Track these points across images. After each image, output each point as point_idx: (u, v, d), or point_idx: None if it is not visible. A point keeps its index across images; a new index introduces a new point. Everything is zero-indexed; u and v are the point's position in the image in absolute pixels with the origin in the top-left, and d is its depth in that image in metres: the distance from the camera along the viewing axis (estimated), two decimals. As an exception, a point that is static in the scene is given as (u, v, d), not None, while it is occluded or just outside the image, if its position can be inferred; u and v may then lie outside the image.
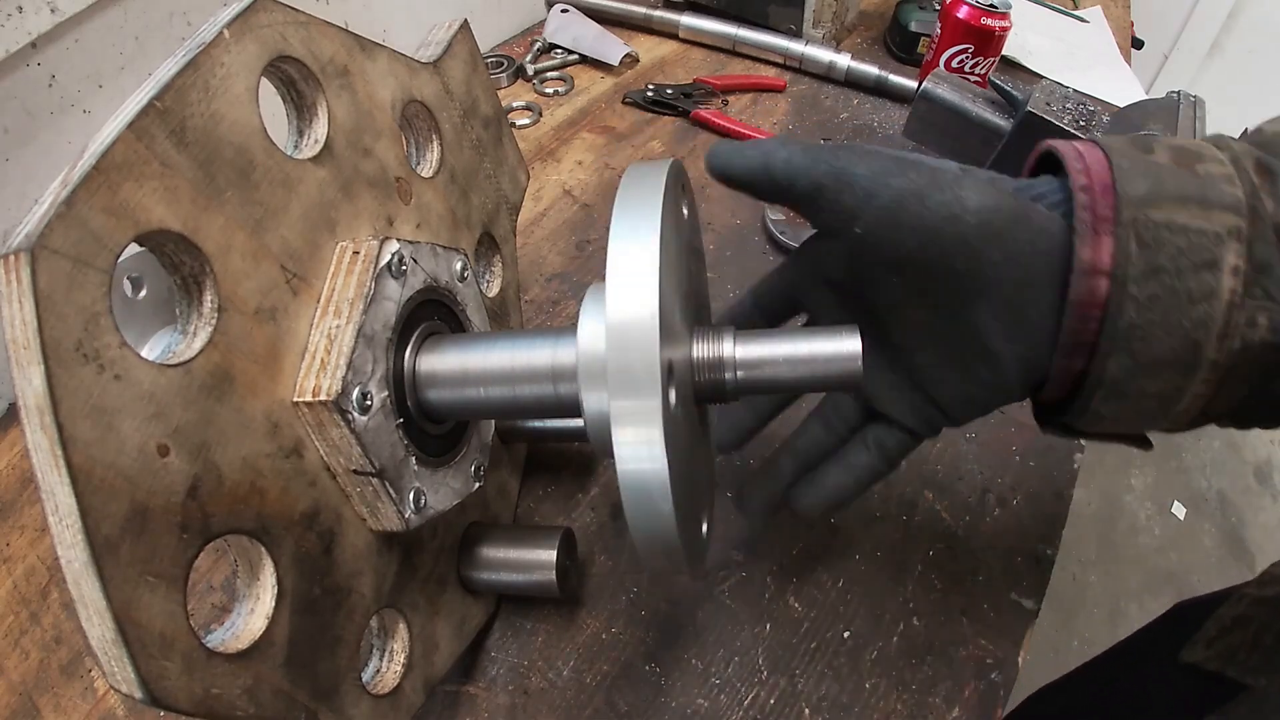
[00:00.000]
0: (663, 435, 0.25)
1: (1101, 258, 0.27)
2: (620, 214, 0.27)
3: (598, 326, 0.28)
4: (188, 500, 0.25)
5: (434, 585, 0.39)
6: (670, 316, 0.26)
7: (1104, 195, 0.28)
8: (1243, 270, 0.27)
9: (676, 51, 0.95)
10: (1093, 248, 0.28)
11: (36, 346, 0.21)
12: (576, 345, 0.29)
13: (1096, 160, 0.29)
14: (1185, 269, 0.27)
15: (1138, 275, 0.27)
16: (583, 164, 0.77)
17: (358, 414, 0.30)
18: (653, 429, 0.25)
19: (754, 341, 0.32)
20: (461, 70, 0.45)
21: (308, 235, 0.32)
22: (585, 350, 0.29)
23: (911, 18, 0.93)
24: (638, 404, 0.25)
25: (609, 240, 0.26)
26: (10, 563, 0.48)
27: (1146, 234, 0.27)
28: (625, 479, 0.25)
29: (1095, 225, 0.28)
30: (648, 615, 0.46)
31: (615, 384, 0.25)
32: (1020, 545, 0.50)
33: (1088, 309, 0.28)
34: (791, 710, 0.43)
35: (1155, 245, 0.27)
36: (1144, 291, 0.27)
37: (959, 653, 0.45)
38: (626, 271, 0.25)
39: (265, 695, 0.27)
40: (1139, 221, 0.27)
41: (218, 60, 0.28)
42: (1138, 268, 0.27)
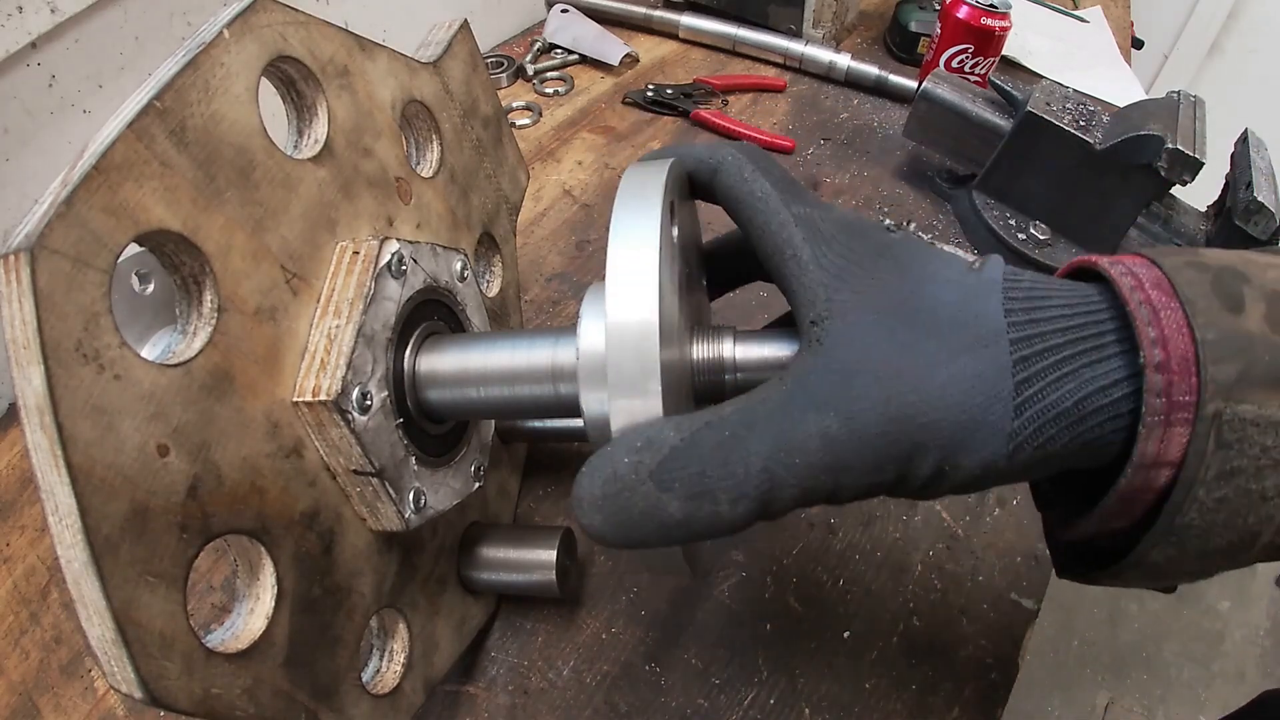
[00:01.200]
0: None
1: (1169, 452, 0.22)
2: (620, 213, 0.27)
3: (598, 326, 0.28)
4: (188, 500, 0.25)
5: (434, 585, 0.39)
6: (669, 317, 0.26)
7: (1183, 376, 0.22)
8: None
9: (676, 51, 0.95)
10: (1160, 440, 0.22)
11: (36, 346, 0.21)
12: (577, 345, 0.29)
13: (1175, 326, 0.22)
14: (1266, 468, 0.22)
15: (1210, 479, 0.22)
16: (583, 164, 0.77)
17: (358, 414, 0.30)
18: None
19: (754, 343, 0.32)
20: (461, 70, 0.45)
21: (308, 235, 0.32)
22: (585, 350, 0.29)
23: (911, 18, 0.93)
24: (637, 404, 0.24)
25: (609, 240, 0.26)
26: (10, 563, 0.48)
27: (1230, 433, 0.22)
28: None
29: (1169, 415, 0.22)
30: (648, 615, 0.46)
31: (615, 384, 0.25)
32: (1020, 545, 0.50)
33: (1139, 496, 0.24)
34: (791, 710, 0.43)
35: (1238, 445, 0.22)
36: (1213, 495, 0.22)
37: (959, 653, 0.45)
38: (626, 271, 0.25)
39: (265, 695, 0.27)
40: (1222, 416, 0.22)
41: (218, 60, 0.28)
42: (1212, 470, 0.22)
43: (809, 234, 0.26)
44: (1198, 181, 0.61)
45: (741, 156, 0.29)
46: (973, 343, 0.23)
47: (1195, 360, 0.22)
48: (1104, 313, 0.24)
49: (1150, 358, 0.22)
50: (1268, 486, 0.22)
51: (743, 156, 0.29)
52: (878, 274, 0.25)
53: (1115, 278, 0.24)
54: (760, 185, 0.27)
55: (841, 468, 0.23)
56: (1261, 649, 1.72)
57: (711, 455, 0.23)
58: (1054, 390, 0.23)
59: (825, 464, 0.23)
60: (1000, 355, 0.23)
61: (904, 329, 0.23)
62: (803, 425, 0.23)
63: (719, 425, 0.23)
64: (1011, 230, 0.70)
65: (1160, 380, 0.22)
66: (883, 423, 0.23)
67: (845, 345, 0.24)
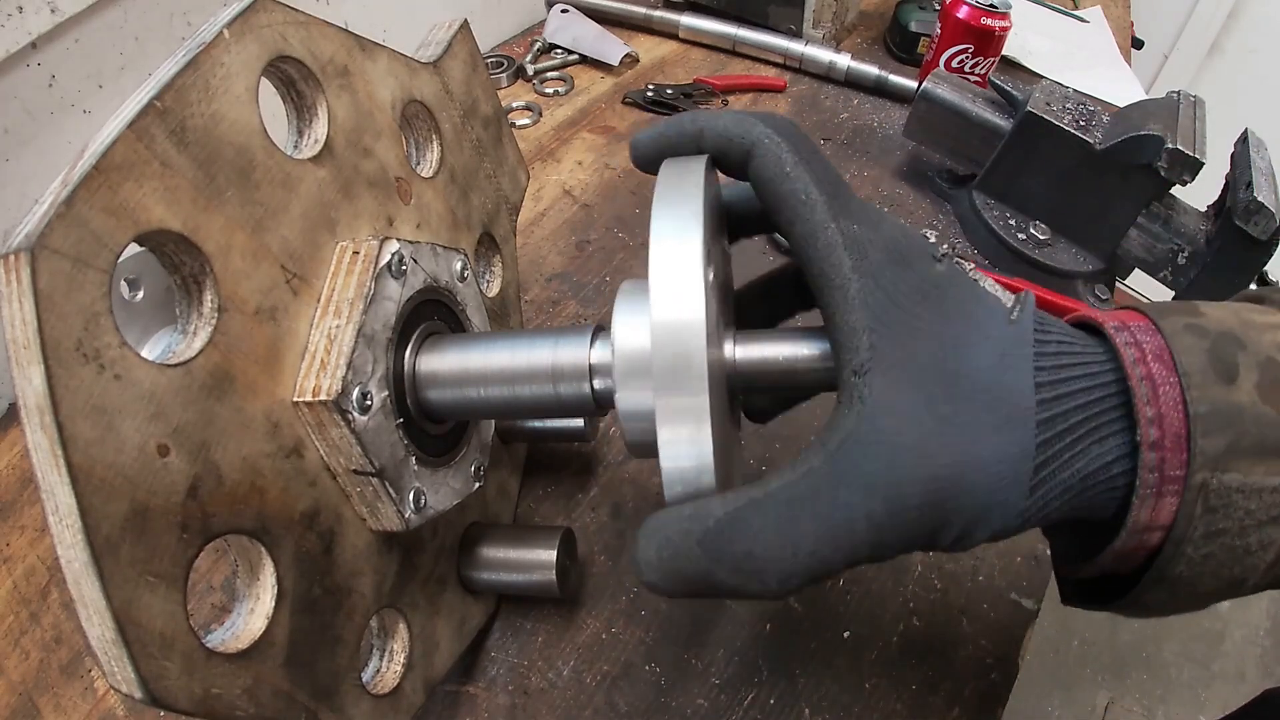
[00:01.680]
0: (710, 433, 0.24)
1: (1160, 517, 0.24)
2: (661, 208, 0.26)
3: (638, 323, 0.28)
4: (188, 500, 0.25)
5: (434, 585, 0.39)
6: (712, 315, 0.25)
7: (1175, 453, 0.24)
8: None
9: (676, 51, 0.95)
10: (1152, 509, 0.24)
11: (36, 346, 0.21)
12: (612, 343, 0.28)
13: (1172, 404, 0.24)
14: (1249, 527, 0.24)
15: (1198, 538, 0.24)
16: (583, 164, 0.77)
17: (358, 414, 0.30)
18: (701, 426, 0.24)
19: (754, 342, 0.32)
20: (461, 70, 0.45)
21: (308, 235, 0.32)
22: (625, 348, 0.28)
23: (911, 18, 0.93)
24: (686, 401, 0.24)
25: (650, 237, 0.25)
26: (10, 563, 0.48)
27: (1216, 500, 0.24)
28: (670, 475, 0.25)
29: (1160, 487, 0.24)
30: (648, 615, 0.46)
31: (661, 382, 0.24)
32: (1020, 545, 0.50)
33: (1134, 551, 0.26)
34: (791, 710, 0.43)
35: (1223, 510, 0.24)
36: (1200, 551, 0.24)
37: (959, 653, 0.45)
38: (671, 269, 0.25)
39: (265, 695, 0.27)
40: (1209, 485, 0.23)
41: (218, 60, 0.28)
42: (1199, 530, 0.24)
43: (857, 262, 0.25)
44: (1198, 181, 0.61)
45: (780, 141, 0.27)
46: (1004, 422, 0.24)
47: (1187, 436, 0.23)
48: (1112, 386, 0.25)
49: (1146, 437, 0.24)
50: (1250, 542, 0.24)
51: (781, 141, 0.27)
52: (921, 319, 0.25)
53: (1120, 348, 0.25)
54: (805, 186, 0.26)
55: (884, 544, 0.24)
56: (1261, 649, 1.72)
57: (759, 537, 0.23)
58: (1065, 469, 0.24)
59: (869, 541, 0.24)
60: (1027, 438, 0.24)
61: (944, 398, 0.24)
62: (850, 509, 0.23)
63: (766, 505, 0.24)
64: (1011, 230, 0.70)
65: (1154, 457, 0.24)
66: (922, 504, 0.24)
67: (887, 412, 0.24)
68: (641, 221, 0.70)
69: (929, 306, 0.25)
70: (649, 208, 0.26)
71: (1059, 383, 0.25)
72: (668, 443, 0.25)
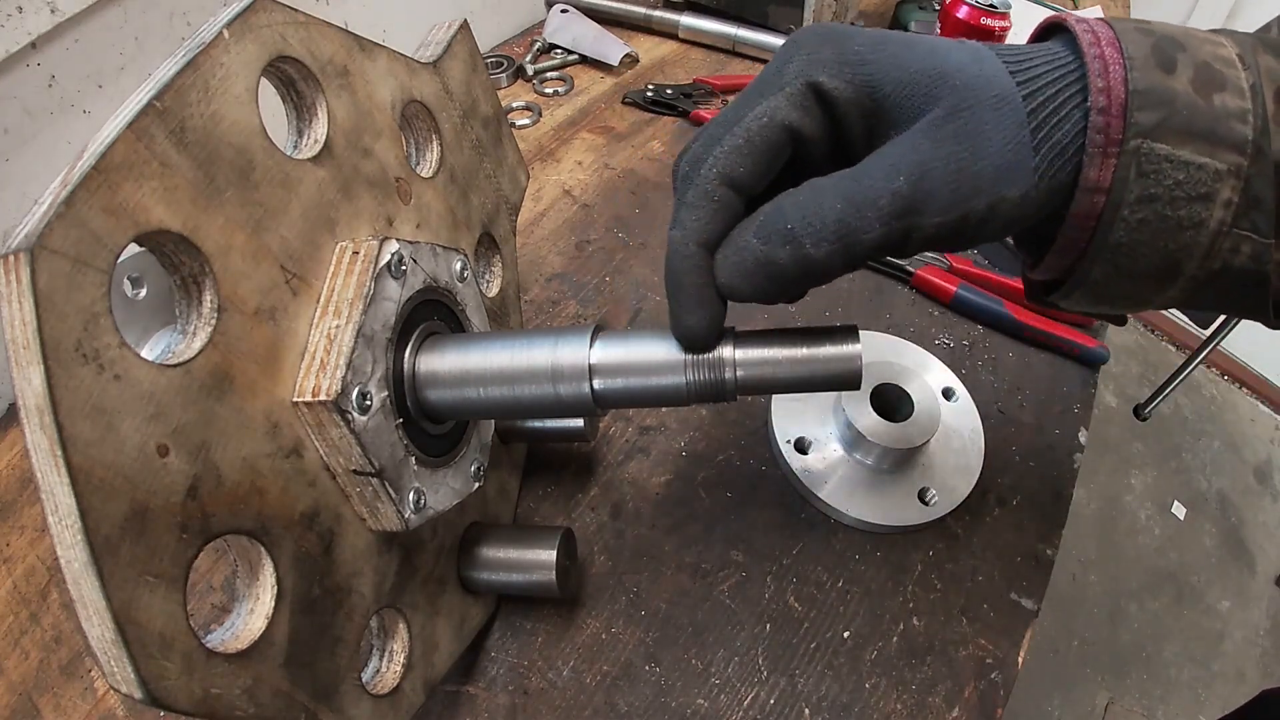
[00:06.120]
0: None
1: (1104, 178, 0.28)
2: None
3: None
4: (187, 500, 0.25)
5: (434, 585, 0.39)
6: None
7: (1117, 119, 0.28)
8: (1235, 204, 0.28)
9: (676, 51, 0.95)
10: (1098, 168, 0.28)
11: (36, 346, 0.21)
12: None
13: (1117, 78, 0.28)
14: (1179, 199, 0.28)
15: (1132, 200, 0.28)
16: (583, 164, 0.77)
17: (357, 414, 0.30)
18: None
19: (754, 342, 0.32)
20: (461, 70, 0.45)
21: (307, 235, 0.32)
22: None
23: (911, 18, 0.93)
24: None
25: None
26: (10, 563, 0.48)
27: (1147, 164, 0.27)
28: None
29: (1105, 148, 0.28)
30: (648, 615, 0.46)
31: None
32: (1020, 545, 0.50)
33: (1084, 220, 0.29)
34: (791, 710, 0.43)
35: (1154, 175, 0.28)
36: (1135, 215, 0.28)
37: (959, 653, 0.45)
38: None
39: (265, 695, 0.27)
40: (1142, 151, 0.27)
41: (217, 60, 0.28)
42: (1133, 193, 0.28)
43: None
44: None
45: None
46: (998, 101, 0.28)
47: (1126, 106, 0.28)
48: (1073, 64, 0.29)
49: (1095, 103, 0.28)
50: (1182, 216, 0.28)
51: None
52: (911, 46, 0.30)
53: (1079, 34, 0.29)
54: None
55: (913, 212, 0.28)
56: (1261, 649, 1.72)
57: (791, 213, 0.29)
58: (1056, 131, 0.29)
59: (897, 210, 0.28)
60: (1019, 110, 0.28)
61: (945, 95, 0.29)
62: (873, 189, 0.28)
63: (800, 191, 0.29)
64: (1011, 230, 0.69)
65: (1101, 121, 0.28)
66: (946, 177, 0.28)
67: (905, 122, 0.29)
68: (641, 222, 0.70)
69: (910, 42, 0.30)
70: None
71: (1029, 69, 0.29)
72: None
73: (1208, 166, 0.27)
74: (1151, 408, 1.02)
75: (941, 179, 0.28)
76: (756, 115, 0.30)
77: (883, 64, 0.29)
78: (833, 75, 0.29)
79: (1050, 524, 0.51)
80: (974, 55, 0.30)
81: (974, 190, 0.28)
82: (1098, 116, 0.28)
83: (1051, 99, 0.29)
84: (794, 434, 0.52)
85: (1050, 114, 0.29)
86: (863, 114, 0.30)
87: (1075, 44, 0.29)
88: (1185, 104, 0.28)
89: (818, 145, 0.31)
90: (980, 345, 0.62)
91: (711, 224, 0.30)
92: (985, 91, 0.29)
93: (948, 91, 0.29)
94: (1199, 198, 0.28)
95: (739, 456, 0.53)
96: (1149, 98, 0.28)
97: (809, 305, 0.63)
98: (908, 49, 0.30)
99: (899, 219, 0.28)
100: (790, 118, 0.30)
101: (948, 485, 0.51)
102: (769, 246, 0.29)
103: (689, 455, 0.53)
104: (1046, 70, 0.29)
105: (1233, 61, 0.29)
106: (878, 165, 0.29)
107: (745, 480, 0.52)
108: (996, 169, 0.28)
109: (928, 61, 0.29)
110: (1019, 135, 0.28)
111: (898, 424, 0.50)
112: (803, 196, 0.29)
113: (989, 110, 0.28)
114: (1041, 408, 0.58)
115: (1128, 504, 1.91)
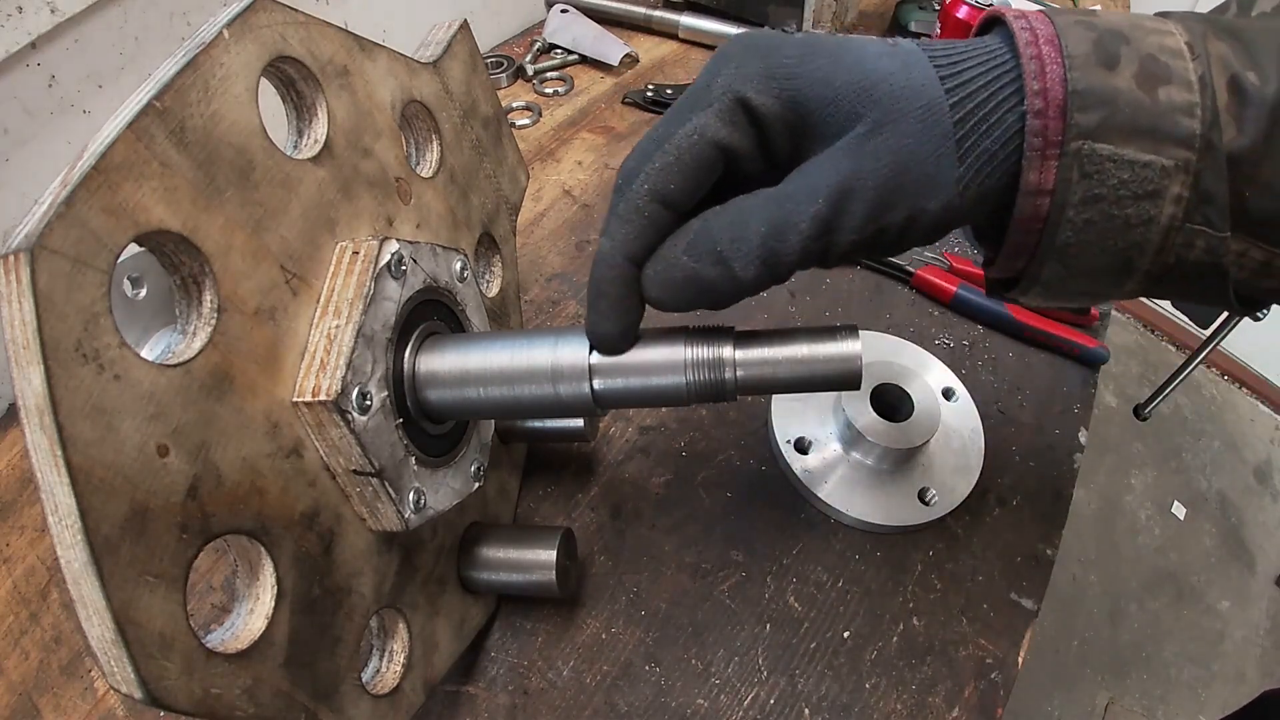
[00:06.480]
0: None
1: (1046, 180, 0.28)
2: None
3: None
4: (187, 500, 0.25)
5: (434, 585, 0.39)
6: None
7: (1056, 120, 0.27)
8: (1185, 199, 0.27)
9: (676, 51, 0.95)
10: (1039, 171, 0.28)
11: (36, 346, 0.21)
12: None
13: (1055, 78, 0.27)
14: (1125, 198, 0.27)
15: (1076, 202, 0.28)
16: (583, 164, 0.77)
17: (357, 414, 0.30)
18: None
19: (754, 342, 0.32)
20: (461, 70, 0.45)
21: (307, 235, 0.32)
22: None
23: (911, 18, 0.93)
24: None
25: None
26: (10, 563, 0.48)
27: (1090, 165, 0.27)
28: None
29: (1045, 150, 0.28)
30: (648, 615, 0.46)
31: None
32: (1020, 545, 0.50)
33: (1030, 224, 0.29)
34: (791, 710, 0.43)
35: (1097, 176, 0.27)
36: (1081, 216, 0.28)
37: (959, 653, 0.45)
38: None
39: (265, 695, 0.27)
40: (1084, 152, 0.27)
41: (217, 60, 0.28)
42: (1077, 194, 0.27)
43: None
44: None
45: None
46: (923, 111, 0.28)
47: (1065, 107, 0.27)
48: (1009, 64, 0.28)
49: (1032, 106, 0.27)
50: (1129, 214, 0.28)
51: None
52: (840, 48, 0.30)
53: (1016, 32, 0.29)
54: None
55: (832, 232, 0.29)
56: (1261, 649, 1.72)
57: (720, 235, 0.29)
58: (985, 139, 0.28)
59: (813, 234, 0.29)
60: (944, 120, 0.28)
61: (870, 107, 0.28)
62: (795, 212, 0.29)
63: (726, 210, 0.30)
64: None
65: (1038, 124, 0.27)
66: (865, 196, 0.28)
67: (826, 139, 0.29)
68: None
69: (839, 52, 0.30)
70: None
71: (958, 73, 0.29)
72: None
73: (1154, 164, 0.27)
74: (1151, 408, 1.02)
75: (859, 197, 0.28)
76: (686, 133, 0.29)
77: (809, 78, 0.29)
78: (759, 90, 0.29)
79: (1050, 524, 0.51)
80: (903, 62, 0.29)
81: (889, 205, 0.28)
82: (1034, 120, 0.27)
83: (983, 104, 0.28)
84: (794, 434, 0.52)
85: (980, 120, 0.28)
86: (788, 128, 0.30)
87: (1012, 42, 0.29)
88: (1128, 101, 0.27)
89: (747, 158, 0.30)
90: (980, 345, 0.62)
91: (640, 239, 0.30)
92: (911, 103, 0.28)
93: (871, 106, 0.28)
94: (1146, 195, 0.27)
95: (739, 456, 0.53)
96: (1089, 97, 0.27)
97: (809, 305, 0.63)
98: (834, 61, 0.29)
99: (817, 239, 0.29)
100: (719, 135, 0.29)
101: (948, 485, 0.51)
102: (699, 264, 0.29)
103: (689, 455, 0.53)
104: (980, 73, 0.29)
105: (1180, 52, 0.28)
106: (799, 186, 0.29)
107: (745, 480, 0.52)
108: (915, 182, 0.28)
109: (854, 74, 0.29)
110: (942, 147, 0.28)
111: (898, 424, 0.50)
112: (729, 218, 0.29)
113: (914, 123, 0.28)
114: (1041, 408, 0.58)
115: (1128, 504, 1.91)
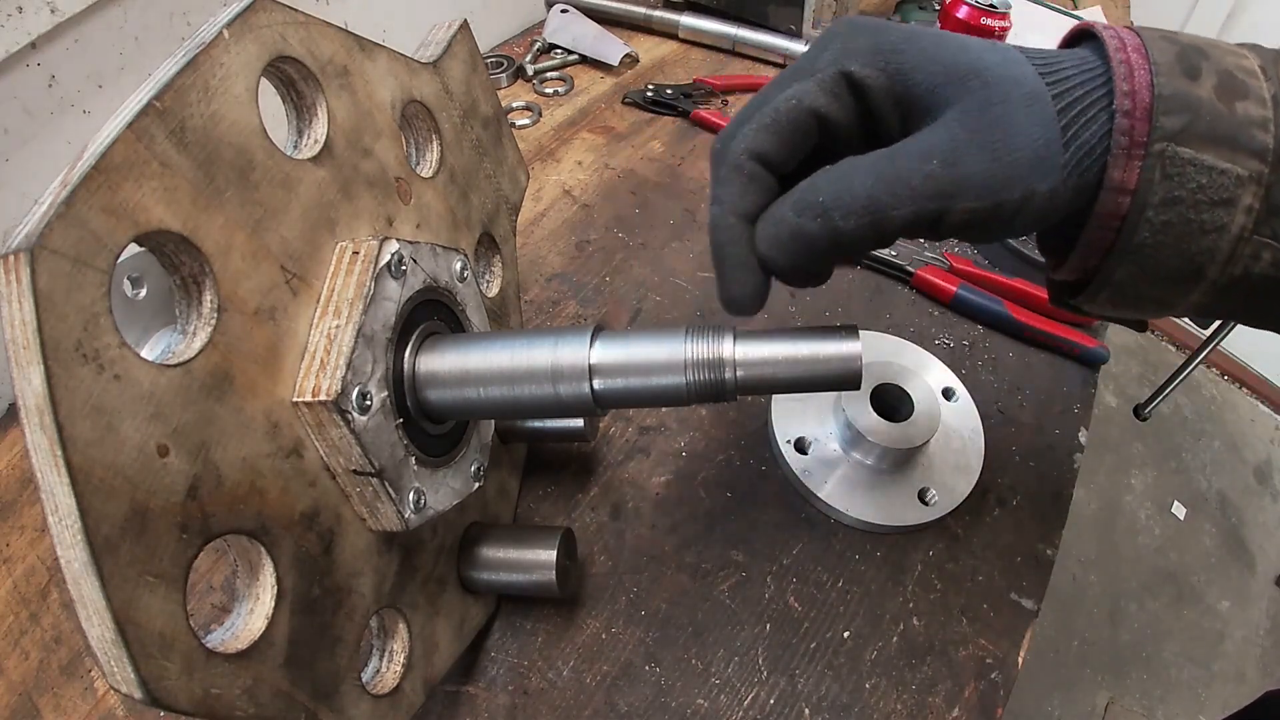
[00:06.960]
0: None
1: (1129, 179, 0.29)
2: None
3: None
4: (187, 500, 0.25)
5: (434, 585, 0.39)
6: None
7: (1142, 122, 0.29)
8: (1256, 210, 0.28)
9: (676, 51, 0.95)
10: (1123, 169, 0.29)
11: (36, 346, 0.21)
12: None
13: (1142, 82, 0.29)
14: (1202, 203, 0.28)
15: (1156, 202, 0.29)
16: (583, 164, 0.77)
17: (357, 414, 0.30)
18: None
19: (754, 342, 0.32)
20: (461, 70, 0.45)
21: (307, 235, 0.32)
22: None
23: (911, 17, 0.93)
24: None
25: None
26: (10, 563, 0.48)
27: (1171, 167, 0.28)
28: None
29: (1130, 150, 0.29)
30: (648, 615, 0.46)
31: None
32: (1020, 545, 0.50)
33: (1109, 220, 0.30)
34: (791, 710, 0.43)
35: (1178, 179, 0.28)
36: (1160, 217, 0.29)
37: (959, 653, 0.45)
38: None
39: (265, 695, 0.27)
40: (1166, 154, 0.28)
41: (217, 60, 0.28)
42: (1157, 195, 0.29)
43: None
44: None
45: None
46: (1029, 99, 0.29)
47: (1151, 110, 0.28)
48: (1100, 70, 0.30)
49: (1120, 106, 0.29)
50: (1205, 219, 0.29)
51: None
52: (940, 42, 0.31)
53: (1106, 40, 0.30)
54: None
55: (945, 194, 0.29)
56: (1261, 649, 1.72)
57: (825, 188, 0.30)
58: (1085, 130, 0.29)
59: (928, 192, 0.29)
60: (1048, 108, 0.29)
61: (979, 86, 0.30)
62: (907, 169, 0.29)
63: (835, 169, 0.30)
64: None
65: (1125, 124, 0.29)
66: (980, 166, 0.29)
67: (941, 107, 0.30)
68: (641, 222, 0.70)
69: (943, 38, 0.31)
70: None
71: (1057, 70, 0.30)
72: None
73: (1230, 172, 0.28)
74: (1151, 408, 1.02)
75: (976, 165, 0.29)
76: (785, 98, 0.31)
77: (916, 55, 0.30)
78: (865, 64, 0.30)
79: (1050, 524, 0.51)
80: (1004, 56, 0.30)
81: (1007, 180, 0.29)
82: (1123, 119, 0.29)
83: (1079, 100, 0.29)
84: (794, 434, 0.52)
85: (1078, 114, 0.29)
86: (896, 102, 0.31)
87: (1102, 50, 0.30)
88: (1208, 110, 0.28)
89: (848, 131, 0.32)
90: (980, 345, 0.62)
91: (745, 196, 0.31)
92: (1017, 88, 0.29)
93: (980, 85, 0.29)
94: (1221, 202, 0.28)
95: (739, 456, 0.53)
96: (1173, 103, 0.28)
97: (809, 305, 0.63)
98: (940, 44, 0.31)
99: (932, 200, 0.29)
100: (818, 102, 0.30)
101: (948, 485, 0.51)
102: (802, 219, 0.30)
103: (689, 455, 0.53)
104: (1075, 73, 0.30)
105: (1255, 72, 0.29)
106: (912, 147, 0.30)
107: (745, 480, 0.52)
108: (1029, 161, 0.29)
109: (960, 57, 0.30)
110: (1050, 131, 0.29)
111: (898, 424, 0.50)
112: (837, 173, 0.30)
113: (1020, 106, 0.29)
114: (1041, 408, 0.58)
115: (1128, 504, 1.91)
